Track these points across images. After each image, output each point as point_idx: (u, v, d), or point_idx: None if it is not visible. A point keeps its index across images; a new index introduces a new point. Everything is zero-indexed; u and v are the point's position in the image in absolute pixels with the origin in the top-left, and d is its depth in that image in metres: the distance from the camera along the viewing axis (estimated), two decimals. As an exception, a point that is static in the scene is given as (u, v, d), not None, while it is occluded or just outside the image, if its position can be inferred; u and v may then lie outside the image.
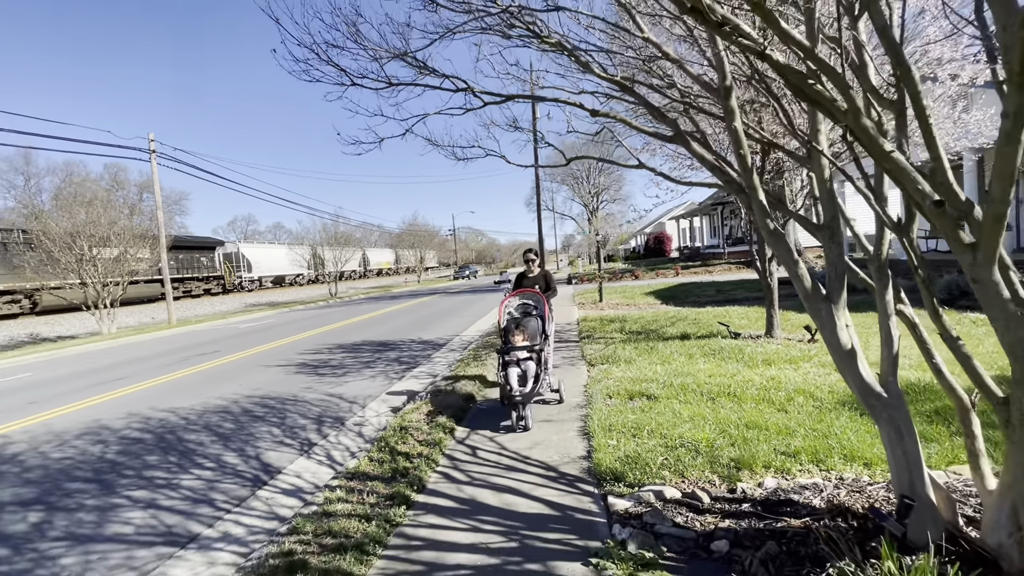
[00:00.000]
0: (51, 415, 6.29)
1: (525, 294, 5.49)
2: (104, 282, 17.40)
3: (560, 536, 2.58)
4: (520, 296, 5.47)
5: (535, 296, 5.41)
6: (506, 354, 4.60)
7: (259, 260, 39.83)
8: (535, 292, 5.48)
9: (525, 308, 5.34)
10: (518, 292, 5.56)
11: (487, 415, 4.84)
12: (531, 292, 5.49)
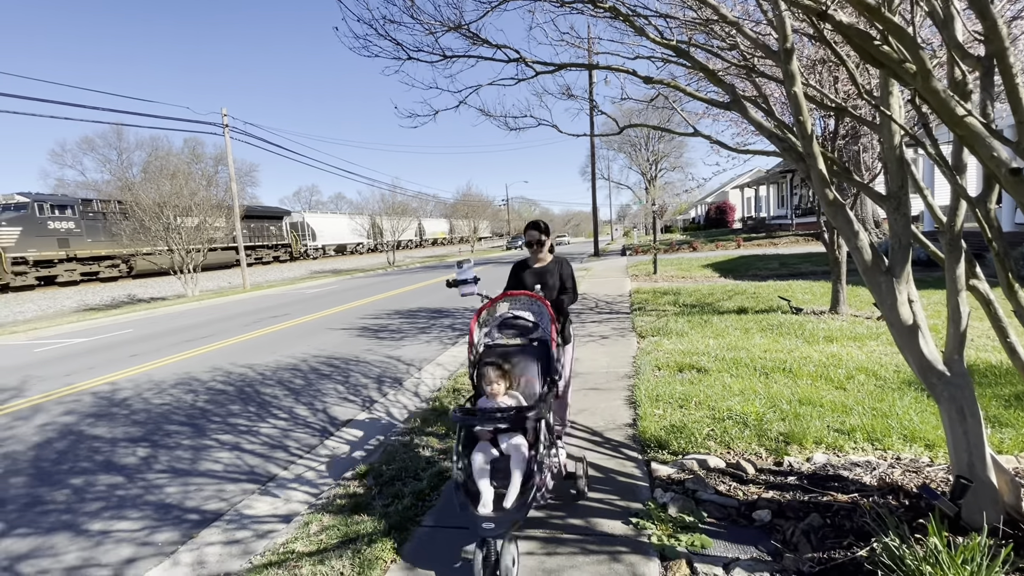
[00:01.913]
0: (150, 367, 7.10)
1: (520, 300, 2.87)
2: (187, 249, 18.96)
3: (602, 496, 2.70)
4: (511, 304, 2.89)
5: (535, 305, 2.81)
6: (468, 425, 2.26)
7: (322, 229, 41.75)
8: (536, 298, 2.81)
9: (516, 328, 2.77)
10: (507, 295, 2.89)
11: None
12: (530, 297, 2.84)
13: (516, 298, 2.88)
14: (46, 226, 22.46)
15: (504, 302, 2.89)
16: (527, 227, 3.30)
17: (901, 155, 2.13)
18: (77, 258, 23.79)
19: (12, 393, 6.13)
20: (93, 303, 18.25)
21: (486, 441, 2.29)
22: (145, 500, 3.26)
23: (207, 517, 3.02)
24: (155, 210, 18.36)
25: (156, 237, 18.70)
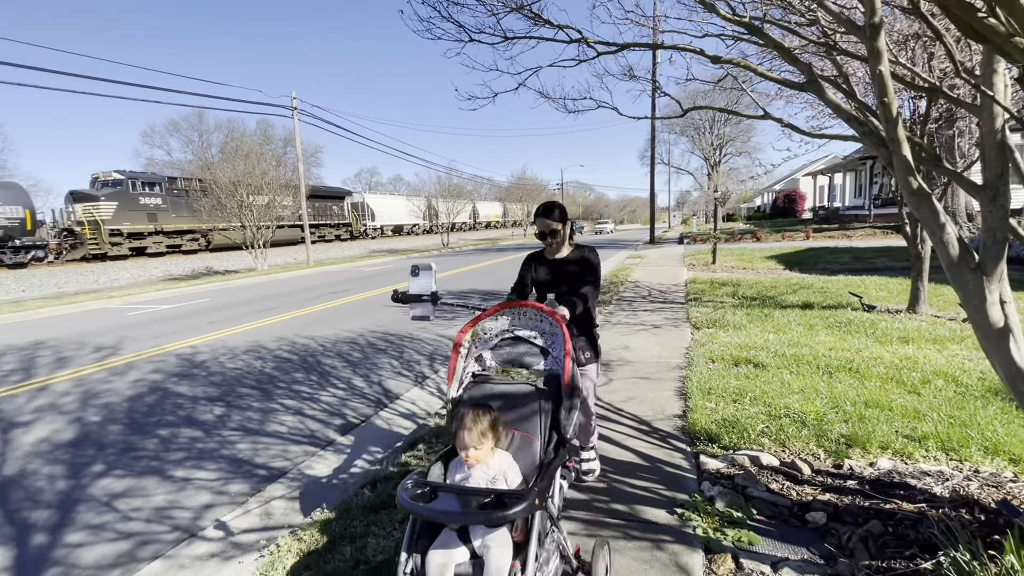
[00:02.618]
0: (224, 334, 7.68)
1: (525, 314, 2.04)
2: (258, 225, 20.17)
3: (648, 485, 2.69)
4: (512, 318, 2.05)
5: (546, 323, 2.01)
6: (421, 514, 1.44)
7: (381, 210, 43.09)
8: (548, 313, 1.98)
9: (517, 354, 2.03)
10: (508, 307, 2.04)
11: (584, 367, 4.98)
12: (539, 311, 2.01)
13: (521, 311, 1.98)
14: (138, 201, 24.57)
15: (503, 315, 1.99)
16: (537, 213, 2.53)
17: (1003, 140, 1.93)
18: (163, 231, 25.92)
19: (110, 351, 6.84)
20: (176, 273, 19.86)
21: (452, 531, 1.52)
22: (220, 454, 3.58)
23: (273, 473, 3.27)
24: (230, 188, 19.61)
25: (231, 214, 20.00)
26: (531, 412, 1.84)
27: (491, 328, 2.04)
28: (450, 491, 1.53)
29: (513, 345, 2.03)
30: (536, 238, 2.62)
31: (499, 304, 2.04)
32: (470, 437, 1.62)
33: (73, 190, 23.81)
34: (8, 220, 19.32)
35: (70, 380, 5.51)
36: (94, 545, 2.58)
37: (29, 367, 6.19)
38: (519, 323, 2.03)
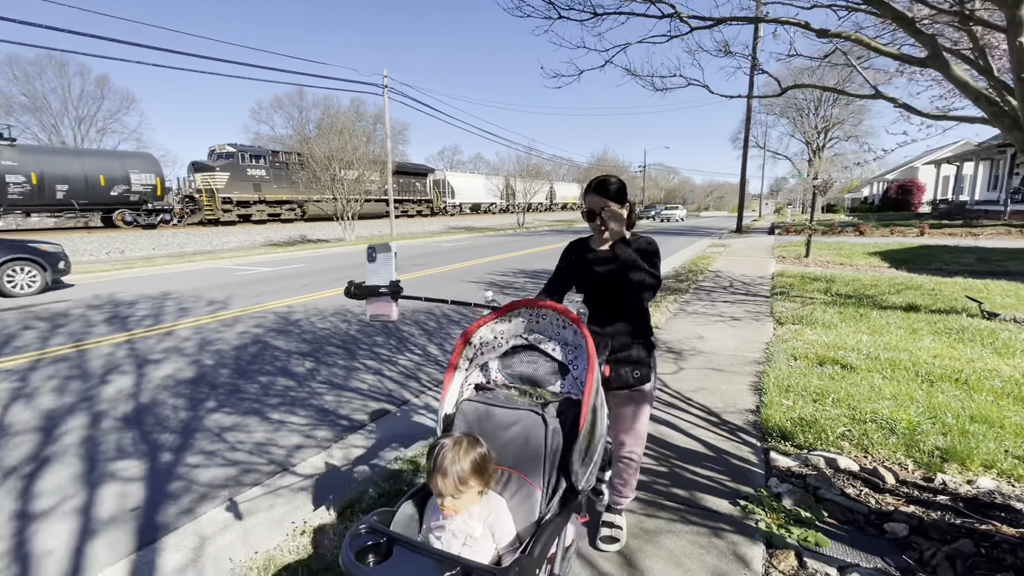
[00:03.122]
0: (316, 297, 8.37)
1: (546, 318, 1.59)
2: (347, 198, 21.46)
3: (711, 474, 2.65)
4: (529, 321, 1.62)
5: (569, 331, 1.56)
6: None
7: (461, 188, 44.10)
8: (572, 320, 1.52)
9: (530, 369, 1.64)
10: (524, 305, 1.58)
11: (654, 353, 4.89)
12: (562, 316, 1.55)
13: (539, 313, 1.57)
14: (245, 172, 26.98)
15: (518, 315, 1.58)
16: (588, 188, 1.95)
17: None
18: (266, 200, 28.31)
19: (220, 305, 7.71)
20: (275, 240, 21.72)
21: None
22: (309, 403, 3.97)
23: (354, 425, 3.59)
24: (324, 162, 20.96)
25: (324, 186, 21.42)
26: (534, 450, 1.39)
27: (502, 331, 1.61)
28: (410, 548, 1.21)
29: (526, 356, 1.62)
30: (584, 220, 1.96)
31: (514, 302, 1.57)
32: (444, 484, 1.25)
33: (194, 161, 26.62)
34: (143, 187, 22.03)
35: (190, 328, 6.31)
36: (207, 468, 3.00)
37: (158, 314, 7.16)
38: (537, 328, 1.61)
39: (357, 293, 1.96)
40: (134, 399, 4.00)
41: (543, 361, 1.61)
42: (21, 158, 18.40)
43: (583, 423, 1.34)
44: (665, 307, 6.89)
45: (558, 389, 1.61)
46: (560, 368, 1.60)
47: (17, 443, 3.28)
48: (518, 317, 1.61)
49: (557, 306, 1.54)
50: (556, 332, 1.60)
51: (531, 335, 1.63)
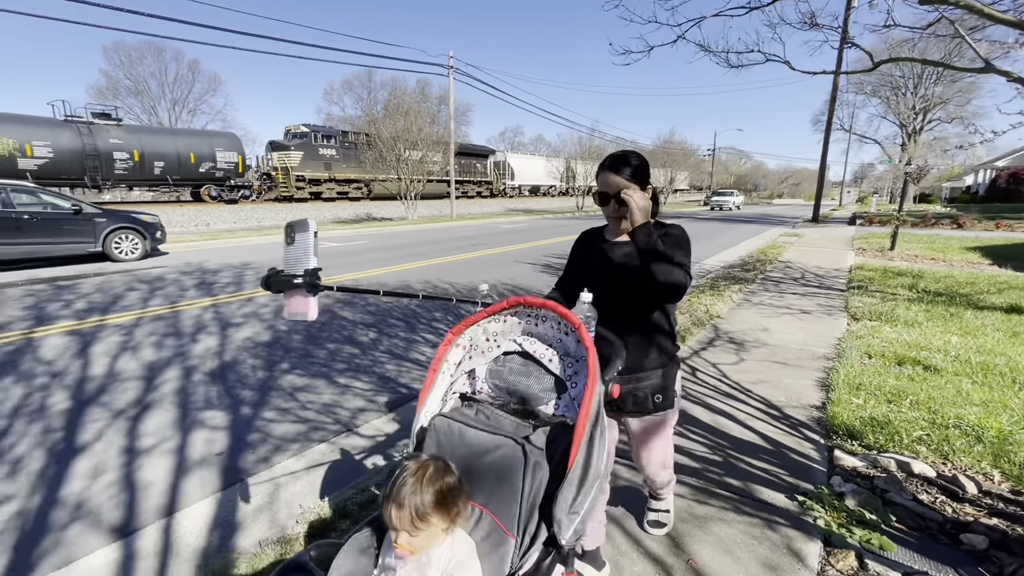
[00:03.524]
0: (379, 272, 8.74)
1: (543, 320, 1.34)
2: (411, 178, 22.04)
3: (767, 467, 2.57)
4: (527, 322, 1.36)
5: (570, 338, 1.30)
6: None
7: (521, 169, 43.99)
8: (572, 324, 1.26)
9: (520, 382, 1.33)
10: (521, 303, 1.34)
11: (710, 351, 4.75)
12: (562, 318, 1.29)
13: (538, 314, 1.33)
14: (317, 152, 28.28)
15: (514, 314, 1.35)
16: (600, 167, 1.59)
17: None
18: (335, 179, 29.61)
19: (294, 276, 8.22)
20: (343, 217, 22.74)
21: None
22: (372, 370, 4.20)
23: (413, 393, 3.77)
24: (390, 143, 21.58)
25: (389, 166, 22.09)
26: (510, 488, 1.10)
27: (495, 333, 1.36)
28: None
29: (519, 366, 1.33)
30: (596, 204, 1.62)
31: (510, 299, 1.33)
32: (399, 518, 1.01)
33: (272, 140, 28.21)
34: (227, 164, 23.68)
35: (267, 296, 6.80)
36: (280, 423, 3.27)
37: (239, 282, 7.76)
38: (535, 331, 1.34)
39: (272, 285, 1.46)
40: (219, 357, 4.40)
41: (537, 373, 1.32)
42: (126, 137, 20.28)
43: (572, 459, 1.06)
44: (728, 296, 6.62)
45: (551, 411, 1.29)
46: (557, 384, 1.30)
47: (125, 388, 3.72)
48: (514, 317, 1.35)
49: (557, 307, 1.27)
50: (557, 339, 1.32)
51: (527, 340, 1.34)
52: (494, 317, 1.36)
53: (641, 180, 1.57)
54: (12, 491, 2.49)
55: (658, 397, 1.64)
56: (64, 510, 2.36)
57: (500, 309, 1.34)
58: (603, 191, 1.59)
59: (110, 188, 20.47)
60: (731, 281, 7.78)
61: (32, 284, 7.57)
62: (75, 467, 2.71)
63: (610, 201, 1.58)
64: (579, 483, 1.08)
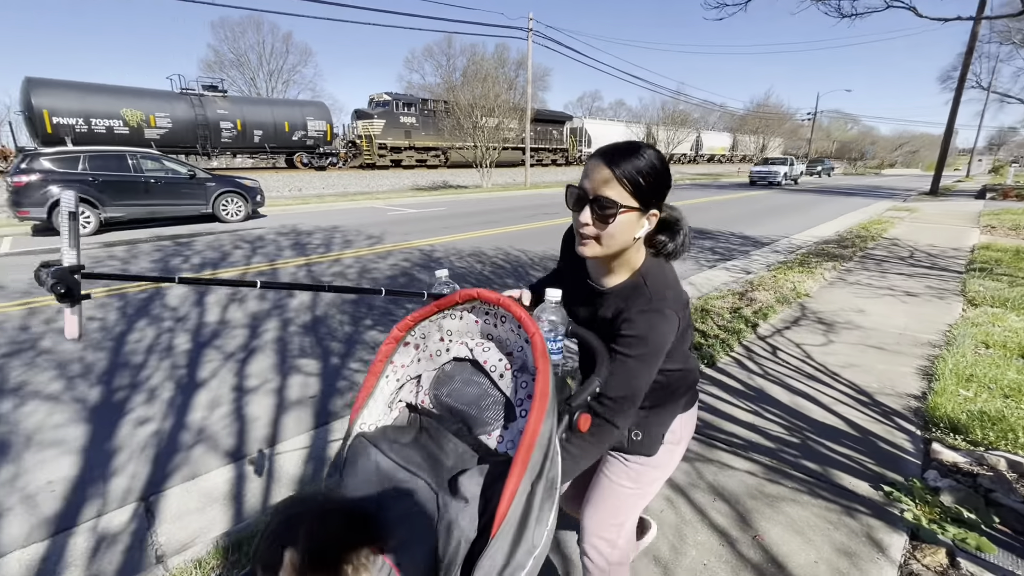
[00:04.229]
0: (454, 238, 8.99)
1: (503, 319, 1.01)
2: (487, 146, 22.12)
3: (851, 454, 2.43)
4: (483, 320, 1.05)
5: (518, 345, 1.01)
6: None
7: (598, 136, 42.61)
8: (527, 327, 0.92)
9: (459, 401, 1.04)
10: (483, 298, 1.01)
11: (794, 330, 4.46)
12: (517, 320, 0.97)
13: (500, 313, 1.02)
14: (398, 120, 29.10)
15: (470, 308, 1.05)
16: (593, 155, 1.05)
17: None
18: (415, 147, 30.42)
19: (376, 240, 8.69)
20: (421, 184, 23.43)
21: None
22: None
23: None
24: (467, 110, 21.70)
25: (466, 134, 22.29)
26: (423, 544, 0.81)
27: (450, 331, 1.08)
28: None
29: (466, 378, 1.05)
30: (567, 206, 1.10)
31: (465, 292, 1.03)
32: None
33: (357, 108, 29.37)
34: (317, 132, 25.06)
35: (352, 257, 7.26)
36: (364, 374, 3.54)
37: (328, 244, 8.33)
38: (494, 335, 1.05)
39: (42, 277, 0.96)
40: (311, 312, 4.80)
41: (485, 391, 1.02)
42: (231, 108, 22.02)
43: (499, 520, 0.75)
44: (820, 274, 6.13)
45: (494, 444, 0.99)
46: (507, 408, 1.00)
47: (234, 335, 4.19)
48: (471, 314, 1.05)
49: (512, 306, 0.96)
50: (518, 346, 1.01)
51: (482, 345, 1.05)
52: (449, 312, 1.05)
53: (645, 197, 1.02)
54: (150, 414, 2.94)
55: (636, 434, 1.22)
56: (189, 433, 2.76)
57: (452, 303, 1.03)
58: (580, 188, 1.05)
59: (217, 155, 22.45)
60: (824, 258, 7.17)
61: (158, 240, 8.61)
62: (196, 399, 3.13)
63: (585, 206, 1.03)
64: (506, 553, 0.77)
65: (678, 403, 1.27)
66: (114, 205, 9.52)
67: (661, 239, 1.14)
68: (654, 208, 1.07)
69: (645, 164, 1.02)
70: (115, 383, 3.31)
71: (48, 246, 8.21)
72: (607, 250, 1.06)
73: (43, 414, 2.92)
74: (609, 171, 1.00)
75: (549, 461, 0.83)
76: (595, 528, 1.31)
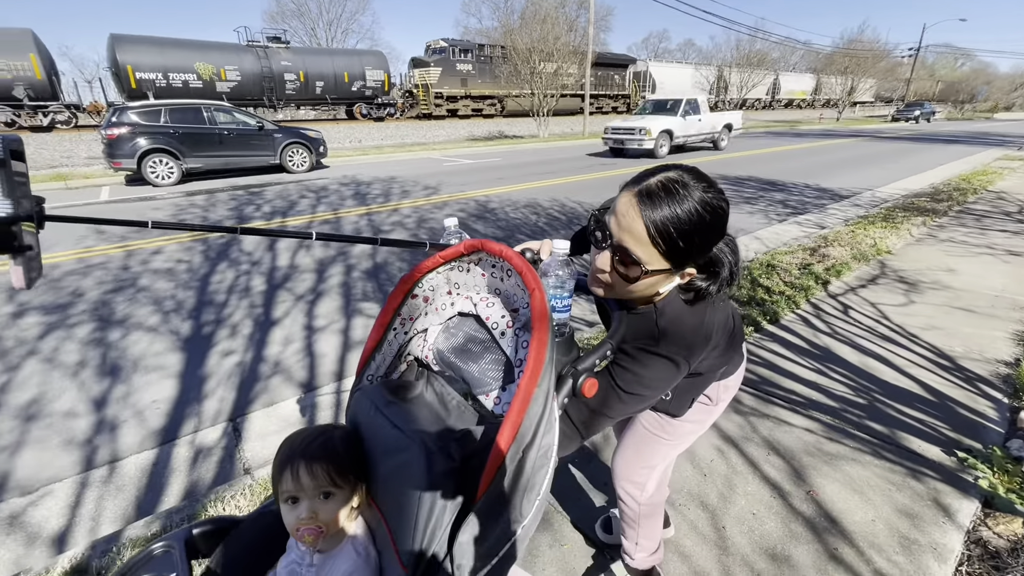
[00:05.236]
0: (509, 189, 8.92)
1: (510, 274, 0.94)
2: (544, 93, 21.37)
3: (923, 418, 2.30)
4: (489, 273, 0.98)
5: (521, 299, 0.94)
6: None
7: (663, 80, 39.95)
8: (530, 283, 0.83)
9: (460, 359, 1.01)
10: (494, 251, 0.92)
11: (871, 289, 4.15)
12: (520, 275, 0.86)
13: (503, 264, 0.93)
14: (455, 67, 28.54)
15: (476, 260, 0.98)
16: (627, 184, 0.91)
17: None
18: (471, 96, 29.90)
19: (432, 191, 8.80)
20: (476, 134, 23.17)
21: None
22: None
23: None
24: (525, 54, 20.90)
25: (523, 80, 21.59)
26: (409, 503, 0.77)
27: (457, 284, 1.04)
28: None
29: (468, 334, 1.02)
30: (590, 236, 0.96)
31: (470, 242, 0.96)
32: (307, 473, 0.80)
33: (414, 57, 29.04)
34: (375, 82, 25.13)
35: (409, 207, 7.41)
36: (423, 318, 3.69)
37: (387, 194, 8.53)
38: (500, 289, 0.98)
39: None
40: (372, 259, 5.00)
41: (486, 348, 0.98)
42: (293, 59, 22.42)
43: (483, 487, 0.73)
44: (906, 230, 5.62)
45: (491, 406, 0.95)
46: (506, 368, 0.95)
47: (303, 279, 4.46)
48: (477, 267, 0.98)
49: (514, 257, 0.87)
50: (522, 303, 0.94)
51: (487, 300, 0.99)
52: (455, 263, 1.00)
53: (681, 258, 0.88)
54: (233, 347, 3.24)
55: (666, 394, 1.08)
56: (267, 365, 3.02)
57: (457, 254, 0.97)
58: (604, 224, 0.92)
59: (282, 107, 23.14)
60: (913, 212, 6.54)
61: (233, 190, 9.15)
62: (272, 335, 3.40)
63: (605, 250, 0.92)
64: (491, 516, 0.74)
65: (714, 375, 1.16)
66: (193, 156, 10.14)
67: (696, 279, 0.96)
68: (690, 267, 0.92)
69: (689, 217, 0.83)
70: (203, 318, 3.65)
71: (140, 194, 8.94)
72: (623, 297, 0.97)
73: (146, 343, 3.29)
74: (641, 223, 0.84)
75: (543, 428, 0.77)
76: (625, 472, 1.34)
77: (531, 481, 0.77)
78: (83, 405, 2.63)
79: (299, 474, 0.79)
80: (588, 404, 0.92)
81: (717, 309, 1.01)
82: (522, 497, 0.77)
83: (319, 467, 0.79)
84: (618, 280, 0.92)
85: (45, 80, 17.09)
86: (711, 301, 0.99)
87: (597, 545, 1.68)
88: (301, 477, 0.79)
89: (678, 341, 0.93)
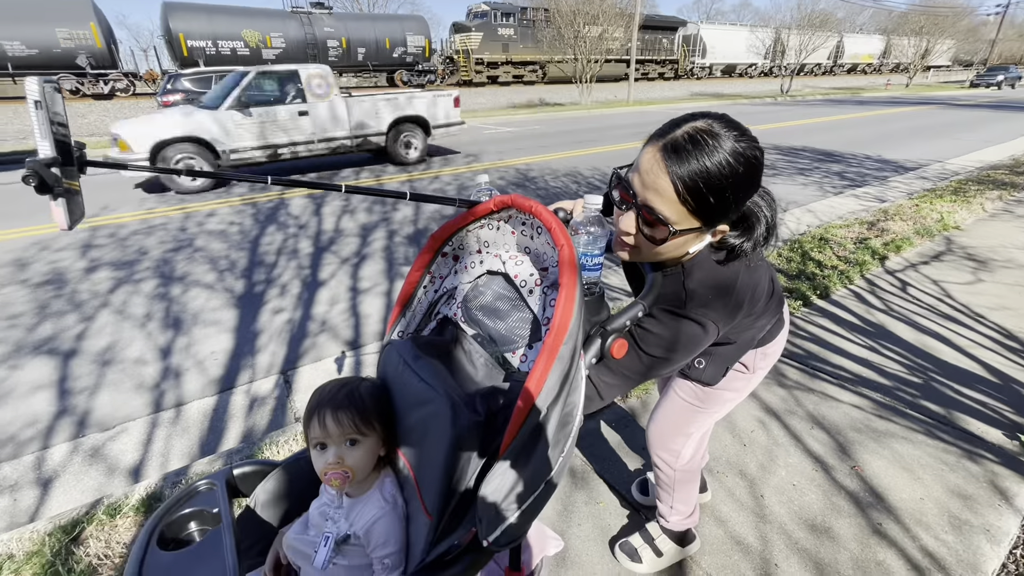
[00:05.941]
0: (550, 157, 8.77)
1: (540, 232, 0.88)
2: (588, 58, 20.64)
3: (982, 399, 2.18)
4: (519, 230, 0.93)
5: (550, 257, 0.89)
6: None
7: (715, 44, 37.78)
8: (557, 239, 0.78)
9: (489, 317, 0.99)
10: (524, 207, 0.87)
11: (934, 265, 3.90)
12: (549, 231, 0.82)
13: (532, 221, 0.88)
14: (496, 32, 27.87)
15: (506, 218, 0.94)
16: (652, 137, 0.88)
17: None
18: (512, 62, 29.22)
19: (473, 159, 8.76)
20: (517, 102, 22.72)
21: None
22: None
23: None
24: (569, 17, 20.15)
25: (567, 44, 20.89)
26: (435, 456, 0.79)
27: (487, 243, 1.00)
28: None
29: (496, 292, 0.99)
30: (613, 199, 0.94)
31: (500, 198, 0.91)
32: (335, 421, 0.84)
33: (455, 22, 28.51)
34: (416, 48, 24.90)
35: (450, 175, 7.42)
36: (463, 283, 3.74)
37: (428, 162, 8.55)
38: (530, 247, 0.93)
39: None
40: (414, 224, 5.07)
41: (514, 306, 0.95)
42: (336, 25, 22.43)
43: (507, 440, 0.73)
44: (979, 204, 5.22)
45: (517, 362, 0.94)
46: (533, 326, 0.93)
47: (347, 242, 4.59)
48: (507, 224, 0.95)
49: (543, 213, 0.83)
50: (552, 262, 0.89)
51: (516, 258, 0.95)
52: (485, 220, 0.97)
53: (712, 215, 0.82)
54: (283, 305, 3.39)
55: (699, 362, 1.10)
56: (315, 323, 3.15)
57: (487, 211, 0.94)
58: (627, 181, 0.88)
59: (326, 75, 23.34)
60: (988, 186, 6.05)
61: (279, 156, 9.39)
62: (319, 295, 3.54)
63: (629, 210, 0.88)
64: (515, 475, 0.74)
65: (751, 344, 1.11)
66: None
67: (728, 236, 0.90)
68: (723, 223, 0.86)
69: (720, 170, 0.76)
70: (254, 278, 3.83)
71: (193, 160, 9.31)
72: (650, 260, 0.93)
73: (203, 299, 3.49)
74: (668, 179, 0.78)
75: (569, 385, 0.75)
76: (660, 440, 1.34)
77: (555, 437, 0.76)
78: (151, 353, 2.84)
79: (326, 421, 0.83)
80: (610, 365, 0.89)
81: (753, 270, 0.95)
82: (545, 453, 0.77)
83: (344, 415, 0.83)
84: (644, 242, 0.87)
85: (105, 49, 17.79)
86: (745, 261, 0.93)
87: (633, 506, 1.71)
88: (328, 424, 0.83)
89: (706, 303, 0.89)
